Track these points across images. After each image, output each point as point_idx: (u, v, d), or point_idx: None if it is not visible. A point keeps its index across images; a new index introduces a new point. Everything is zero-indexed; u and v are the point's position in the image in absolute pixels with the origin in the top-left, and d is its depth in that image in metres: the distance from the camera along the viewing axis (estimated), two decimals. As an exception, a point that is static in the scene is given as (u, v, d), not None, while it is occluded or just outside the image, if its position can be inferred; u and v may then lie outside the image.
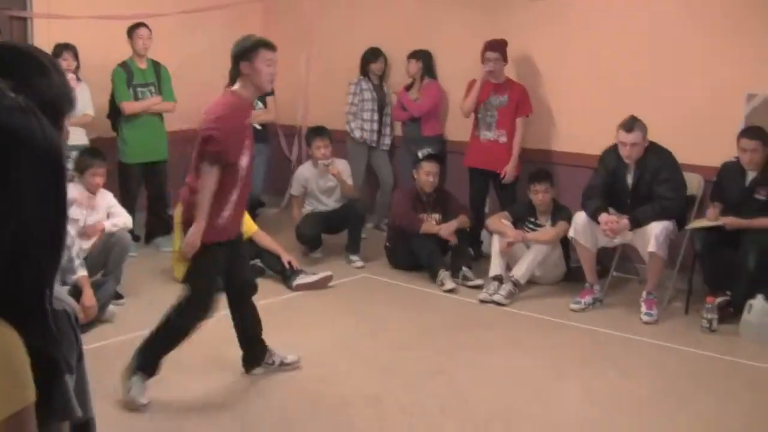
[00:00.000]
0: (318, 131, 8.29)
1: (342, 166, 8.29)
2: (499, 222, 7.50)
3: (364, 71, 8.90)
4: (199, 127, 4.96)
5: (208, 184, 4.80)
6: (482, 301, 7.03)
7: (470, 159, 8.18)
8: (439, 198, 7.93)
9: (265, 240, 7.43)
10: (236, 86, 4.94)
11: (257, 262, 7.40)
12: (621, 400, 5.29)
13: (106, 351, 5.66)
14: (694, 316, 6.73)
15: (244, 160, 4.96)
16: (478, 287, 7.29)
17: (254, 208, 8.09)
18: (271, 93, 8.57)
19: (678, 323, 6.73)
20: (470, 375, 5.60)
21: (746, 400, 5.33)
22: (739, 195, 6.80)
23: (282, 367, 5.49)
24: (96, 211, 6.68)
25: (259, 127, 8.25)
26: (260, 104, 8.72)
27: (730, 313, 6.65)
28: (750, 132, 6.73)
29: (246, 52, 4.88)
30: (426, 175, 7.82)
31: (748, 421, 5.08)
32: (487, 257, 7.62)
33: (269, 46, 4.95)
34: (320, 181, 8.21)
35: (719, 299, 6.63)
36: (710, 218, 6.83)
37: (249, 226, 7.46)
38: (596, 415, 5.07)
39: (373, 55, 8.89)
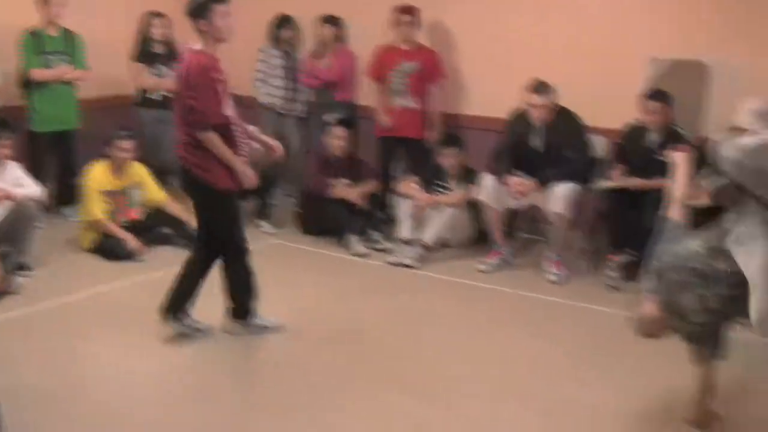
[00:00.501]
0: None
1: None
2: (409, 186, 7.56)
3: (274, 38, 8.82)
4: (179, 92, 5.08)
5: (215, 144, 5.00)
6: (392, 264, 7.10)
7: (382, 127, 8.21)
8: (349, 163, 7.94)
9: (176, 209, 7.37)
10: (199, 45, 5.04)
11: (167, 230, 7.35)
12: (532, 358, 5.41)
13: (13, 323, 5.61)
14: (599, 276, 6.89)
15: (228, 110, 5.08)
16: (389, 251, 7.35)
17: (164, 176, 8.00)
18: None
19: (584, 282, 6.88)
20: (382, 338, 5.66)
21: (648, 352, 5.46)
22: (642, 156, 6.94)
23: (265, 330, 5.62)
24: (2, 182, 6.54)
25: (169, 94, 8.14)
26: (170, 72, 8.62)
27: (635, 271, 6.80)
28: (654, 94, 6.86)
29: (199, 10, 4.97)
30: (336, 140, 7.82)
31: (651, 370, 5.24)
32: (397, 221, 7.67)
33: (220, 0, 5.00)
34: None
35: (623, 258, 6.78)
36: (614, 179, 6.97)
37: (157, 194, 7.42)
38: (510, 373, 5.17)
39: (283, 22, 8.81)
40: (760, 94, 6.42)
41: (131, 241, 7.00)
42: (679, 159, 4.96)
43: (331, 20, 8.67)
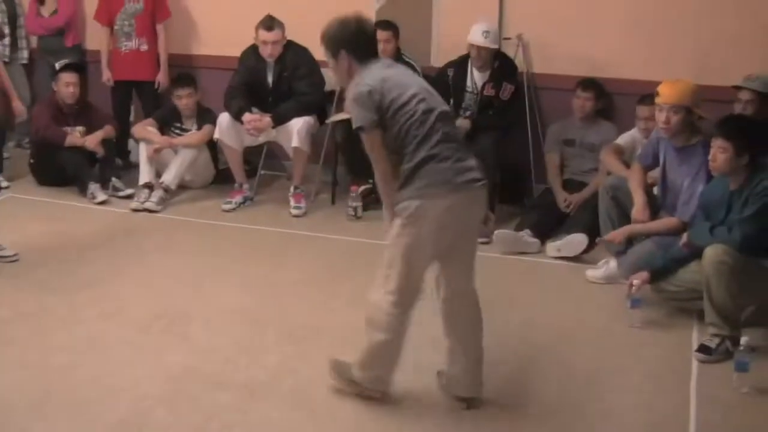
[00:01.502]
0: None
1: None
2: (145, 129, 7.45)
3: (-9, -20, 8.43)
4: None
5: None
6: (134, 210, 7.00)
7: (113, 73, 8.02)
8: (82, 109, 7.69)
9: None
10: None
11: None
12: (276, 286, 5.57)
13: None
14: (340, 206, 7.08)
15: None
16: (130, 197, 7.23)
17: None
18: None
19: (326, 213, 7.07)
20: (128, 282, 5.62)
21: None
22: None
23: None
24: None
25: None
26: None
27: (373, 200, 7.01)
28: (382, 23, 6.96)
29: None
30: (66, 86, 7.54)
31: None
32: (135, 166, 7.56)
33: None
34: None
35: (362, 188, 6.97)
36: (346, 111, 7.12)
37: None
38: (252, 302, 5.30)
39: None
40: (476, 20, 6.80)
41: None
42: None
43: None
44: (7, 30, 8.14)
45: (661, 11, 6.80)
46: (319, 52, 7.02)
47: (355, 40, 4.04)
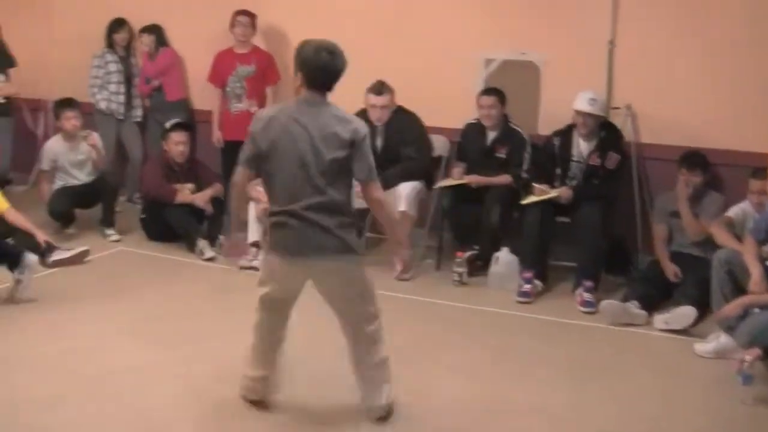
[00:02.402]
0: (67, 103, 8.05)
1: (95, 138, 8.09)
2: (254, 189, 7.55)
3: (109, 42, 8.74)
4: None
5: None
6: (242, 268, 7.09)
7: (223, 133, 8.22)
8: (191, 167, 7.91)
9: (17, 218, 7.18)
10: None
11: (9, 241, 7.17)
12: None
13: None
14: (445, 271, 7.09)
15: None
16: (239, 255, 7.34)
17: (1, 185, 7.82)
18: (13, 64, 8.36)
19: (431, 278, 7.08)
20: (234, 339, 5.65)
21: (491, 342, 5.77)
22: (481, 154, 7.19)
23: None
24: None
25: (2, 100, 7.95)
26: (1, 77, 8.45)
27: (479, 266, 7.02)
28: (487, 90, 7.14)
29: None
30: (175, 144, 7.76)
31: (496, 357, 5.52)
32: (243, 224, 7.67)
33: None
34: (71, 155, 7.99)
35: (468, 254, 6.99)
36: (455, 177, 7.17)
37: (1, 204, 7.21)
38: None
39: (116, 25, 8.73)
40: (584, 89, 6.82)
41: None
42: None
43: (150, 29, 8.70)
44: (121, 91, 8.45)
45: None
46: (429, 118, 7.23)
47: (309, 66, 4.31)
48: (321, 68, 4.29)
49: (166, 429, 4.49)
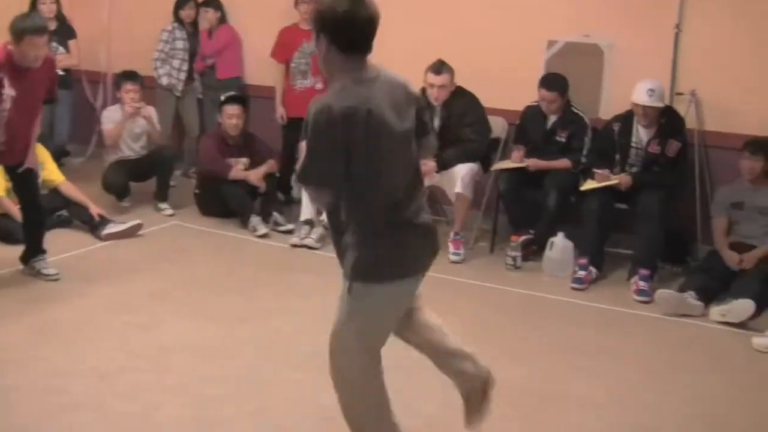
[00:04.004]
0: (129, 75, 8.05)
1: (150, 111, 8.11)
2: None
3: (177, 18, 8.73)
4: None
5: None
6: (294, 246, 7.08)
7: (287, 109, 8.18)
8: (245, 142, 7.88)
9: (72, 190, 7.23)
10: (12, 47, 5.45)
11: (64, 212, 7.21)
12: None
13: None
14: (499, 255, 7.00)
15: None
16: (290, 232, 7.33)
17: (59, 157, 7.85)
18: (74, 36, 8.39)
19: (484, 262, 6.99)
20: (285, 318, 5.65)
21: (544, 328, 5.69)
22: (541, 137, 7.08)
23: (40, 276, 6.02)
24: None
25: (61, 72, 7.97)
26: (62, 49, 8.49)
27: (533, 250, 6.93)
28: (548, 83, 6.97)
29: (14, 36, 5.38)
30: (229, 118, 7.73)
31: (549, 344, 5.44)
32: (297, 202, 7.67)
33: (37, 31, 5.41)
34: (128, 125, 8.01)
35: (523, 238, 6.90)
36: (514, 160, 7.07)
37: (56, 175, 7.26)
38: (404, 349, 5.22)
39: (183, 1, 8.72)
40: (648, 74, 6.68)
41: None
42: None
43: (213, 4, 8.69)
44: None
45: None
46: (488, 100, 7.13)
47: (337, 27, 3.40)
48: (349, 21, 3.38)
49: (222, 408, 4.47)
